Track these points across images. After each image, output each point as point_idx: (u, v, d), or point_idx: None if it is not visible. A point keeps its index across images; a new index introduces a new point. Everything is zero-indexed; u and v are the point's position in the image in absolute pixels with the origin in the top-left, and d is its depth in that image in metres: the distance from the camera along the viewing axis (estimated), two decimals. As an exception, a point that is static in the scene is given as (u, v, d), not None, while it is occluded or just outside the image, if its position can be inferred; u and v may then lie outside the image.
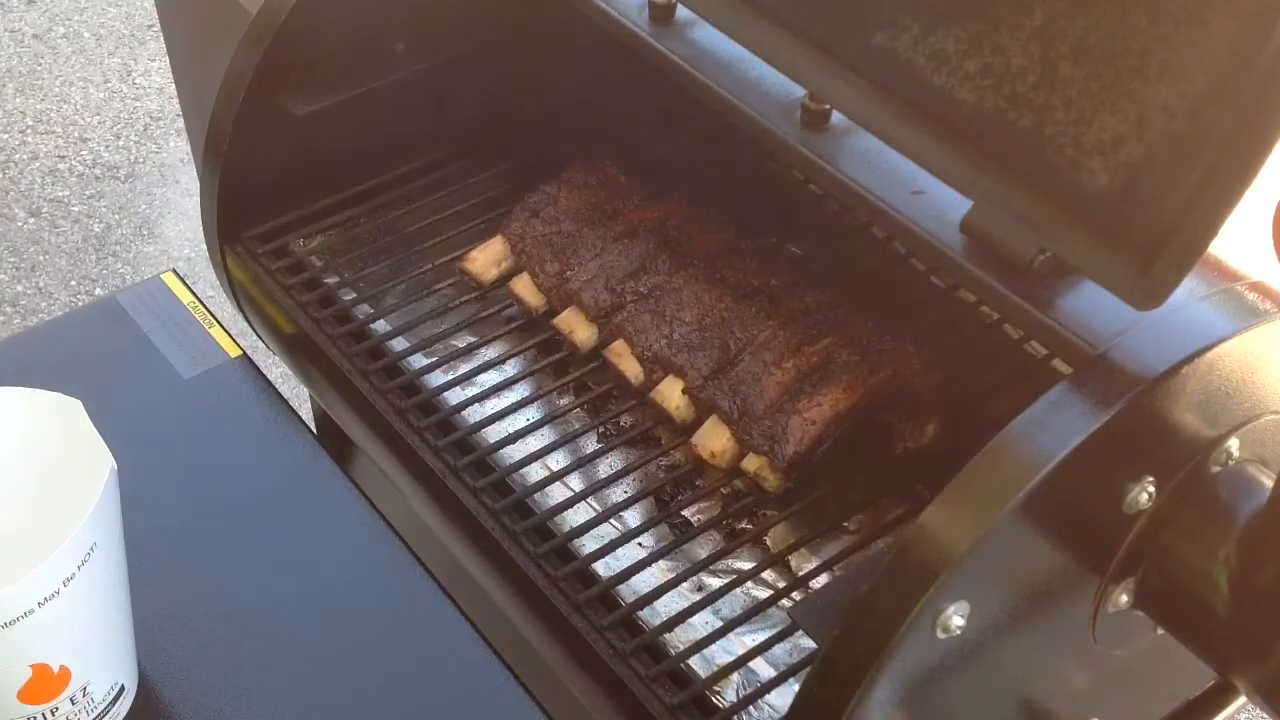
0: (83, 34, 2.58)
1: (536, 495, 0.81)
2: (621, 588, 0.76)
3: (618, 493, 0.83)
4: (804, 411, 0.78)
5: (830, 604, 0.66)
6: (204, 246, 1.01)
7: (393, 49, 0.95)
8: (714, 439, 0.81)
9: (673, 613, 0.74)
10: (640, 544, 0.80)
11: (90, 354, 0.90)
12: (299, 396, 1.47)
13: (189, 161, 2.27)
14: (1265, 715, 0.64)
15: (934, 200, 0.69)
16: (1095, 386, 0.59)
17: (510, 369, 0.89)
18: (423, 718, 0.73)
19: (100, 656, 0.68)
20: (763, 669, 0.74)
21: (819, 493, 0.80)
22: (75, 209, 2.23)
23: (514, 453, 0.83)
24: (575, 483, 0.83)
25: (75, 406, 0.66)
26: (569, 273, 0.88)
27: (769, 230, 0.94)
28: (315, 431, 0.94)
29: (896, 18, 0.65)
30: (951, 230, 0.68)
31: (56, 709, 0.66)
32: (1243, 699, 0.69)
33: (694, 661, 0.73)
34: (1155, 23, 0.56)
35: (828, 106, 0.74)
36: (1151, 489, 0.61)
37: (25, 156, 2.32)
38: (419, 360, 0.88)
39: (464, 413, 0.85)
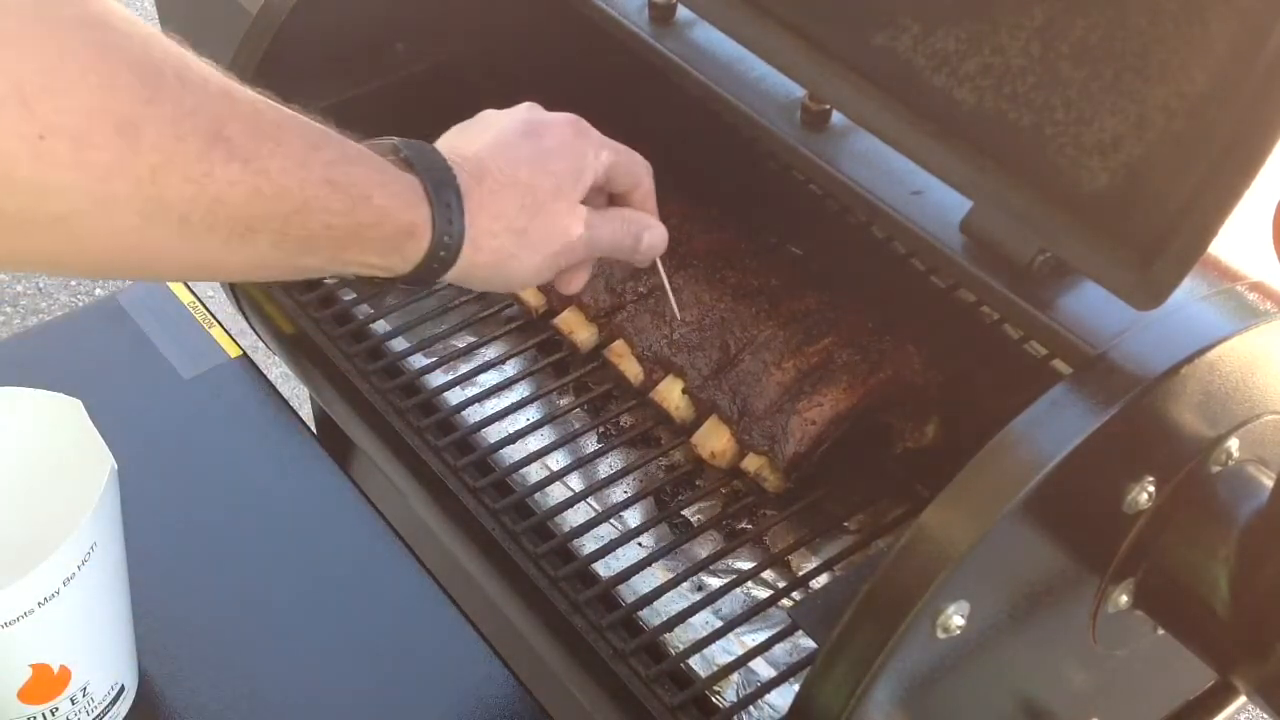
0: (83, 34, 2.58)
1: (536, 495, 0.81)
2: (621, 588, 0.76)
3: (618, 493, 0.83)
4: (804, 411, 0.78)
5: (830, 604, 0.66)
6: (204, 246, 1.01)
7: (393, 49, 0.95)
8: (714, 439, 0.81)
9: (673, 613, 0.74)
10: (640, 544, 0.80)
11: (90, 354, 0.90)
12: (299, 396, 1.47)
13: (189, 161, 2.27)
14: (1265, 715, 0.64)
15: (934, 200, 0.69)
16: (1095, 386, 0.59)
17: (510, 369, 0.89)
18: (423, 717, 0.73)
19: (100, 656, 0.68)
20: (763, 669, 0.74)
21: (819, 493, 0.80)
22: (75, 209, 2.22)
23: (514, 453, 0.82)
24: (575, 483, 0.83)
25: (75, 406, 0.66)
26: (569, 273, 0.88)
27: (769, 230, 0.94)
28: (315, 431, 0.94)
29: (896, 18, 0.65)
30: (951, 230, 0.68)
31: (56, 709, 0.66)
32: (1243, 699, 0.69)
33: (694, 661, 0.73)
34: (1155, 23, 0.56)
35: (828, 106, 0.74)
36: (1151, 489, 0.61)
37: (25, 156, 2.32)
38: (419, 360, 0.88)
39: (464, 413, 0.85)
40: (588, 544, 0.78)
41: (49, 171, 0.45)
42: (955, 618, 0.57)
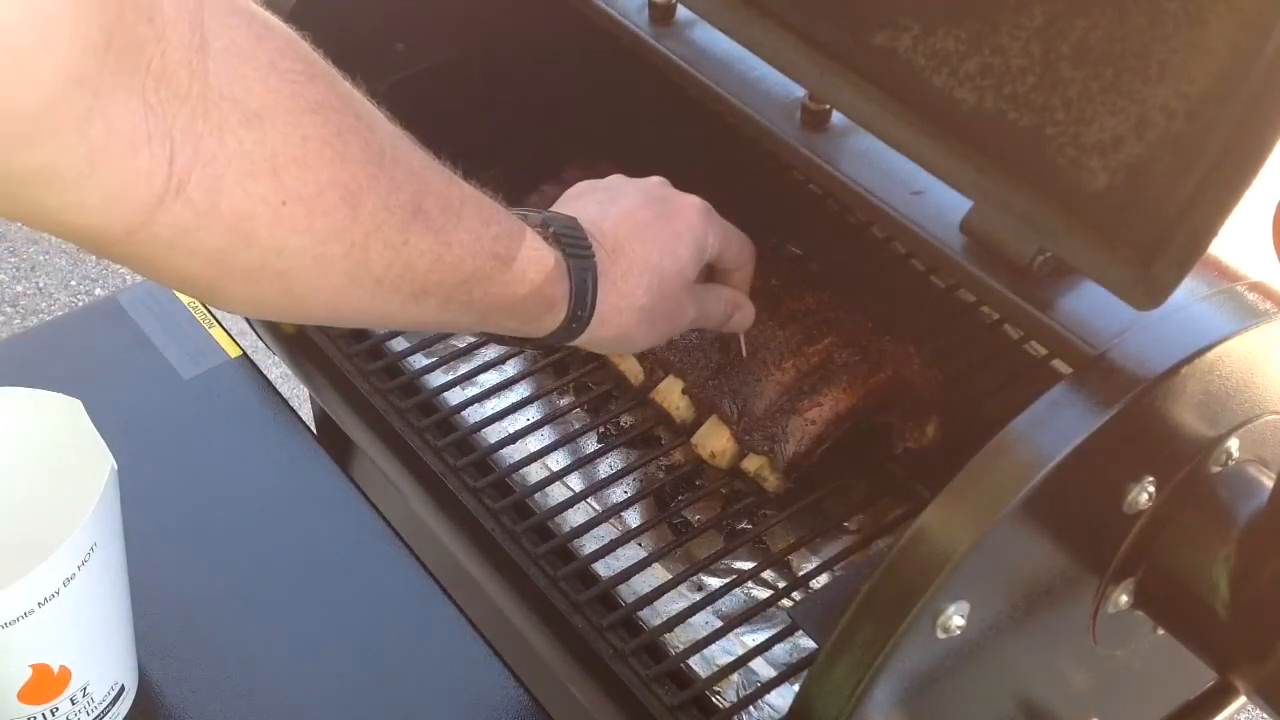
0: (83, 34, 2.58)
1: (536, 495, 0.81)
2: (621, 588, 0.76)
3: (618, 493, 0.83)
4: (804, 412, 0.78)
5: (830, 604, 0.66)
6: (204, 246, 1.01)
7: (393, 49, 0.95)
8: (714, 439, 0.81)
9: (673, 613, 0.74)
10: (640, 544, 0.80)
11: (90, 354, 0.90)
12: (299, 396, 1.47)
13: (189, 161, 2.27)
14: (1265, 715, 0.64)
15: (934, 200, 0.69)
16: (1095, 386, 0.59)
17: (510, 369, 0.89)
18: (422, 717, 0.73)
19: (100, 656, 0.68)
20: (763, 669, 0.74)
21: (819, 493, 0.80)
22: (75, 209, 2.22)
23: (514, 453, 0.83)
24: (575, 483, 0.83)
25: (75, 406, 0.66)
26: (569, 273, 0.88)
27: (769, 230, 0.94)
28: (315, 431, 0.94)
29: (896, 18, 0.65)
30: (951, 230, 0.68)
31: (56, 709, 0.66)
32: (1243, 699, 0.69)
33: (694, 661, 0.73)
34: (1155, 23, 0.56)
35: (828, 106, 0.74)
36: (1151, 489, 0.61)
37: (25, 156, 2.32)
38: (419, 360, 0.88)
39: (464, 413, 0.85)
40: (588, 544, 0.78)
41: (285, 233, 0.51)
42: (955, 618, 0.57)
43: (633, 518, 0.82)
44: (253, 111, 0.48)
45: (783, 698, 0.72)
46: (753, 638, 0.74)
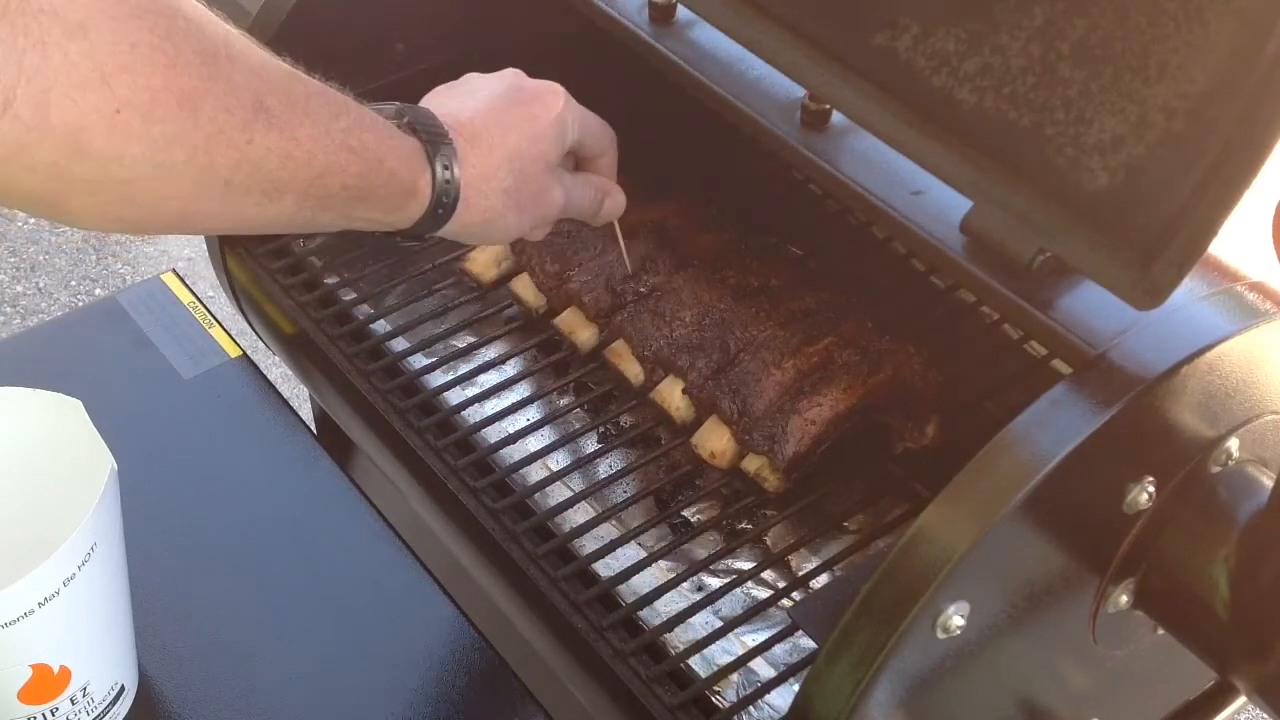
0: (83, 34, 2.57)
1: (536, 495, 0.81)
2: (621, 588, 0.76)
3: (618, 493, 0.83)
4: (804, 412, 0.78)
5: (830, 604, 0.66)
6: (204, 246, 1.01)
7: (393, 49, 0.95)
8: (714, 439, 0.81)
9: (673, 613, 0.74)
10: (640, 544, 0.80)
11: (90, 354, 0.90)
12: (299, 396, 1.47)
13: (189, 161, 2.26)
14: (1265, 715, 0.64)
15: (934, 200, 0.69)
16: (1095, 386, 0.59)
17: (510, 369, 0.89)
18: (421, 716, 0.73)
19: (100, 656, 0.68)
20: (763, 669, 0.74)
21: (819, 493, 0.80)
22: (75, 209, 2.22)
23: (514, 453, 0.82)
24: (575, 483, 0.83)
25: (75, 406, 0.66)
26: (569, 273, 0.88)
27: (769, 230, 0.94)
28: (315, 431, 0.94)
29: (896, 18, 0.65)
30: (951, 230, 0.68)
31: (56, 709, 0.66)
32: (1243, 699, 0.69)
33: (694, 661, 0.73)
34: (1155, 23, 0.56)
35: (828, 106, 0.74)
36: (1151, 489, 0.61)
37: (25, 156, 2.32)
38: (419, 360, 0.88)
39: (464, 413, 0.85)
40: (588, 544, 0.78)
41: (121, 142, 0.50)
42: (955, 618, 0.57)
43: (633, 518, 0.82)
44: (75, 22, 0.48)
45: (783, 698, 0.72)
46: (753, 638, 0.74)
